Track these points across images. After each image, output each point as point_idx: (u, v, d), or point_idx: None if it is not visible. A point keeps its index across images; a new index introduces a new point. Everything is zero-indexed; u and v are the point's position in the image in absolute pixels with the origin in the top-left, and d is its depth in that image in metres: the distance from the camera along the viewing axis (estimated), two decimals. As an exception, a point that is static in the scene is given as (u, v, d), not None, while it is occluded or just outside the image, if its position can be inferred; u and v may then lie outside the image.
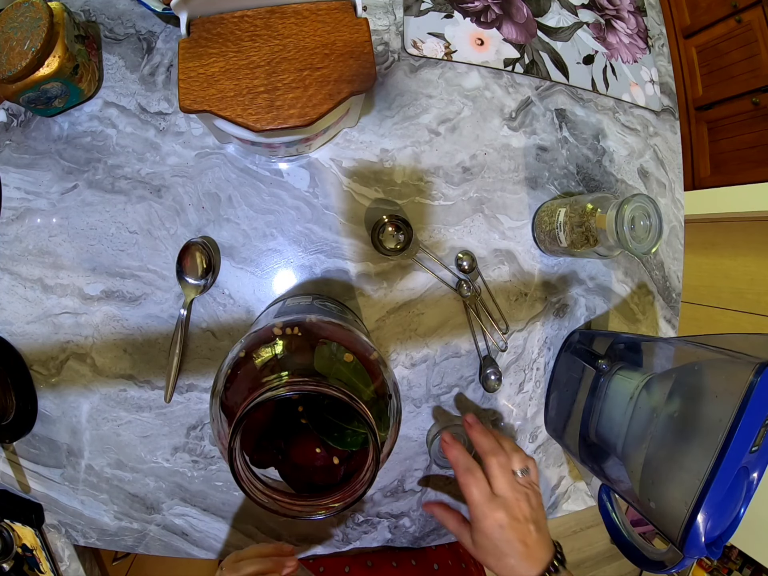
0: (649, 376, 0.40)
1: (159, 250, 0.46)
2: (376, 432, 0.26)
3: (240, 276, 0.46)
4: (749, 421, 0.29)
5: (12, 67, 0.37)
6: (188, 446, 0.47)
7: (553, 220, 0.48)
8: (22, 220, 0.45)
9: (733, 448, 0.29)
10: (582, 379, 0.48)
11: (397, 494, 0.51)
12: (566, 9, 0.56)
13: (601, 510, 0.44)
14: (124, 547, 0.48)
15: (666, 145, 0.60)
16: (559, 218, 0.47)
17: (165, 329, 0.46)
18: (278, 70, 0.35)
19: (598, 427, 0.44)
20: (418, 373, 0.50)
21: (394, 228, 0.47)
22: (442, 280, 0.50)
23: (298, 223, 0.47)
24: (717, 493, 0.30)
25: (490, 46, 0.52)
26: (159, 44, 0.46)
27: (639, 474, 0.37)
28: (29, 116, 0.45)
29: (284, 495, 0.29)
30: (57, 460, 0.47)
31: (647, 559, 0.38)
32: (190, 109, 0.34)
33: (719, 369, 0.33)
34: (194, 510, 0.48)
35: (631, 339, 0.46)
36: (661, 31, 0.62)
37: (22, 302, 0.45)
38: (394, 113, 0.49)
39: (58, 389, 0.46)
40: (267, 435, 0.34)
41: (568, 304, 0.54)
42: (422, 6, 0.51)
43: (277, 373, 0.28)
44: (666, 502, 0.33)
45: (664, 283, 0.59)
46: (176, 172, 0.46)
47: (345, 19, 0.36)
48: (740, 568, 1.59)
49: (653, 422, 0.37)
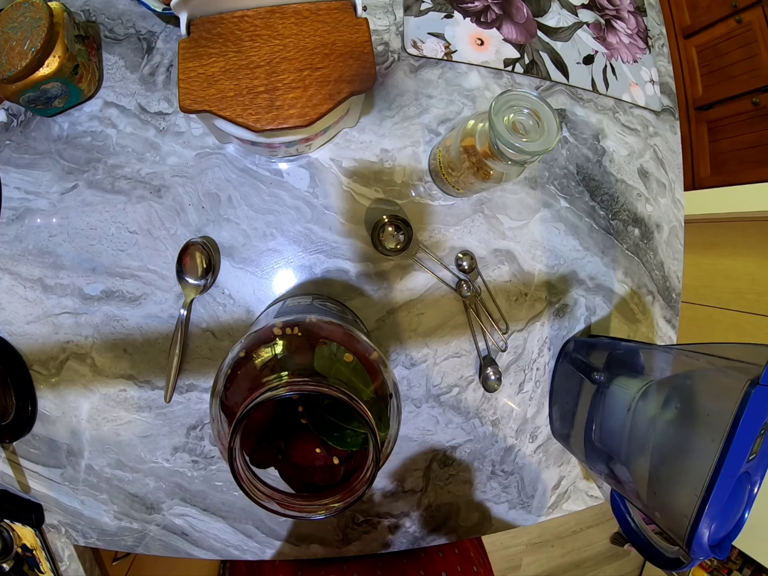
0: (645, 386, 0.40)
1: (159, 250, 0.46)
2: (376, 432, 0.26)
3: (240, 276, 0.46)
4: (745, 431, 0.29)
5: (12, 67, 0.37)
6: (188, 446, 0.47)
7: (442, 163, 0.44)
8: (22, 220, 0.45)
9: (730, 458, 0.29)
10: (581, 390, 0.48)
11: (397, 494, 0.51)
12: (566, 9, 0.56)
13: (615, 512, 0.44)
14: (124, 547, 0.48)
15: (666, 145, 0.60)
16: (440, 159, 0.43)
17: (165, 329, 0.46)
18: (278, 70, 0.35)
19: (601, 436, 0.44)
20: (418, 373, 0.50)
21: (394, 228, 0.47)
22: (442, 280, 0.50)
23: (298, 223, 0.47)
24: (719, 500, 0.30)
25: (490, 46, 0.52)
26: (159, 44, 0.46)
27: (643, 482, 0.37)
28: (29, 116, 0.45)
29: (284, 495, 0.29)
30: (57, 460, 0.47)
31: (665, 557, 0.37)
32: (190, 109, 0.34)
33: (714, 379, 0.33)
34: (194, 510, 0.48)
35: (626, 347, 0.45)
36: (661, 31, 0.62)
37: (22, 302, 0.45)
38: (394, 113, 0.49)
39: (58, 389, 0.46)
40: (267, 435, 0.34)
41: (568, 304, 0.54)
42: (422, 6, 0.51)
43: (277, 373, 0.28)
44: (670, 510, 0.33)
45: (664, 283, 0.59)
46: (176, 172, 0.46)
47: (345, 19, 0.36)
48: (740, 568, 1.60)
49: (652, 432, 0.37)
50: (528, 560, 1.79)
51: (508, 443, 0.53)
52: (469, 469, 0.53)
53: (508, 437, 0.53)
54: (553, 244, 0.53)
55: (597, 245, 0.55)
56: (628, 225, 0.57)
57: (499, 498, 0.54)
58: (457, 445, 0.52)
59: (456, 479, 0.52)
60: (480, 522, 0.54)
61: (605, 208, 0.56)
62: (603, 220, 0.55)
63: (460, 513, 0.53)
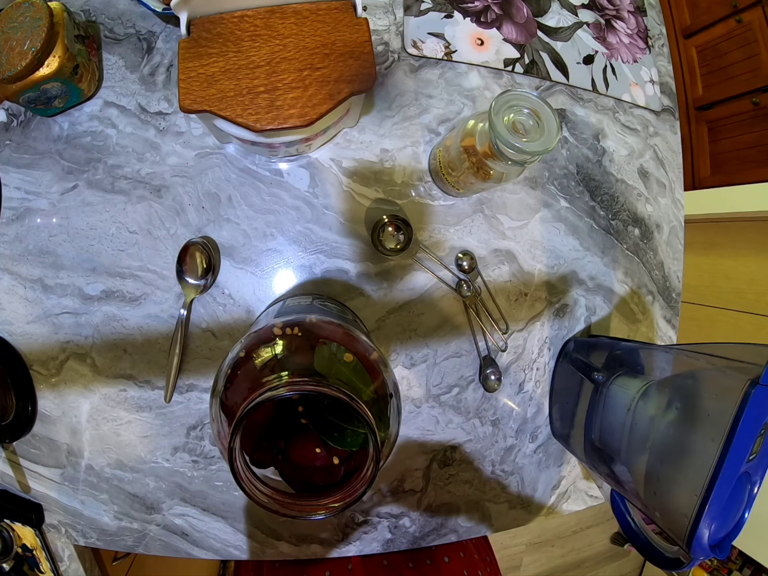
0: (645, 386, 0.40)
1: (159, 250, 0.46)
2: (376, 432, 0.26)
3: (240, 276, 0.46)
4: (745, 431, 0.29)
5: (12, 67, 0.37)
6: (188, 446, 0.47)
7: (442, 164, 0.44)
8: (22, 220, 0.45)
9: (730, 458, 0.29)
10: (581, 390, 0.48)
11: (397, 494, 0.51)
12: (566, 9, 0.56)
13: (615, 512, 0.43)
14: (124, 547, 0.48)
15: (666, 145, 0.60)
16: (440, 160, 0.43)
17: (165, 329, 0.46)
18: (278, 70, 0.35)
19: (601, 436, 0.44)
20: (418, 373, 0.50)
21: (394, 228, 0.47)
22: (442, 280, 0.50)
23: (298, 223, 0.47)
24: (719, 500, 0.30)
25: (490, 46, 0.52)
26: (159, 44, 0.46)
27: (642, 482, 0.37)
28: (29, 116, 0.45)
29: (284, 495, 0.29)
30: (57, 460, 0.47)
31: (665, 557, 0.37)
32: (190, 109, 0.34)
33: (714, 379, 0.33)
34: (194, 510, 0.48)
35: (626, 347, 0.45)
36: (661, 31, 0.62)
37: (22, 302, 0.45)
38: (394, 113, 0.49)
39: (58, 389, 0.46)
40: (267, 435, 0.34)
41: (568, 304, 0.54)
42: (422, 6, 0.51)
43: (277, 373, 0.28)
44: (670, 510, 0.33)
45: (664, 283, 0.59)
46: (176, 172, 0.46)
47: (345, 19, 0.36)
48: (740, 568, 1.60)
49: (652, 432, 0.37)
50: (528, 560, 1.79)
51: (508, 443, 0.53)
52: (469, 470, 0.53)
53: (508, 437, 0.53)
54: (553, 244, 0.53)
55: (597, 245, 0.55)
56: (628, 225, 0.57)
57: (499, 498, 0.54)
58: (457, 445, 0.52)
59: (456, 479, 0.52)
60: (480, 522, 0.54)
61: (605, 208, 0.56)
62: (603, 220, 0.55)
63: (460, 513, 0.53)
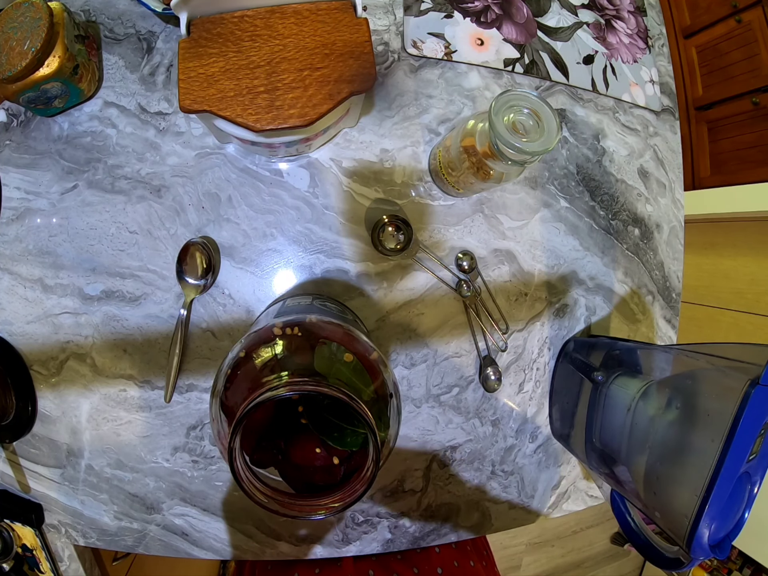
0: (645, 386, 0.40)
1: (159, 250, 0.46)
2: (376, 432, 0.26)
3: (240, 276, 0.46)
4: (745, 431, 0.29)
5: (12, 67, 0.37)
6: (188, 446, 0.47)
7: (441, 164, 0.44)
8: (22, 220, 0.45)
9: (730, 458, 0.29)
10: (581, 390, 0.48)
11: (397, 494, 0.51)
12: (566, 9, 0.56)
13: (615, 512, 0.43)
14: (124, 547, 0.48)
15: (666, 145, 0.60)
16: (440, 159, 0.43)
17: (165, 329, 0.46)
18: (278, 70, 0.35)
19: (601, 436, 0.44)
20: (418, 373, 0.50)
21: (394, 228, 0.47)
22: (442, 280, 0.50)
23: (298, 223, 0.47)
24: (718, 500, 0.30)
25: (490, 46, 0.52)
26: (159, 44, 0.46)
27: (642, 482, 0.37)
28: (29, 116, 0.45)
29: (284, 495, 0.29)
30: (57, 460, 0.47)
31: (665, 557, 0.37)
32: (190, 109, 0.34)
33: (714, 379, 0.33)
34: (194, 510, 0.48)
35: (626, 347, 0.45)
36: (661, 31, 0.62)
37: (22, 302, 0.45)
38: (394, 113, 0.49)
39: (58, 389, 0.46)
40: (267, 435, 0.34)
41: (568, 304, 0.54)
42: (422, 6, 0.51)
43: (277, 373, 0.28)
44: (670, 510, 0.33)
45: (664, 283, 0.59)
46: (176, 172, 0.46)
47: (345, 19, 0.36)
48: (740, 568, 1.60)
49: (652, 432, 0.37)
50: (528, 560, 1.79)
51: (508, 443, 0.53)
52: (469, 470, 0.53)
53: (508, 437, 0.53)
54: (553, 244, 0.53)
55: (597, 245, 0.55)
56: (628, 225, 0.57)
57: (499, 498, 0.54)
58: (457, 445, 0.52)
59: (456, 479, 0.52)
60: (480, 522, 0.54)
61: (605, 208, 0.56)
62: (603, 220, 0.55)
63: (460, 513, 0.53)
